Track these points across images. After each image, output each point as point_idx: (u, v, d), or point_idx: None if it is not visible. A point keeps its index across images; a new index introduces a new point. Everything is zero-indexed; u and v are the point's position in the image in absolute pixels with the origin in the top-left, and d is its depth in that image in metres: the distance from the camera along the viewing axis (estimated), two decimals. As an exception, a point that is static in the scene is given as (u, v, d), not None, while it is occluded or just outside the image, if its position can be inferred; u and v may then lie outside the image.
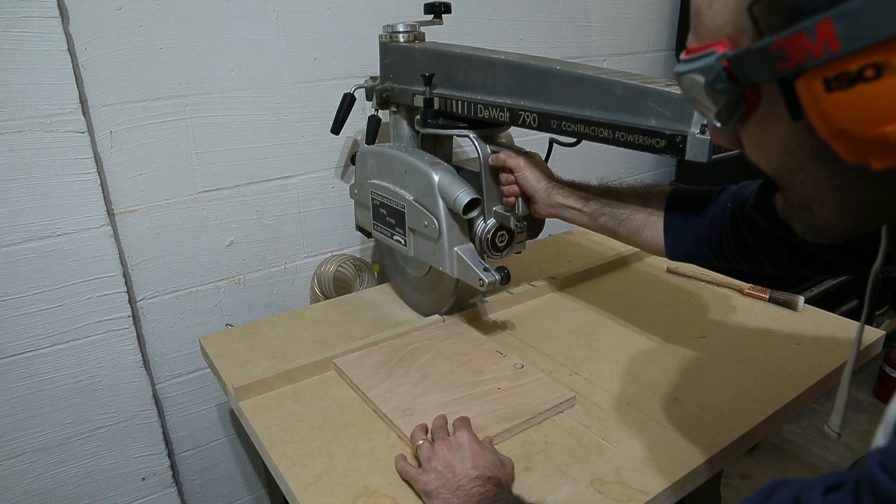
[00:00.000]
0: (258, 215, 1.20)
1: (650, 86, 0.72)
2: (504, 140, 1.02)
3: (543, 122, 0.84)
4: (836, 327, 1.04)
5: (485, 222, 0.96)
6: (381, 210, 1.05)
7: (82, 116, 0.94)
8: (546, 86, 0.84)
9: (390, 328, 1.05)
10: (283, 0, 1.12)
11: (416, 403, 0.85)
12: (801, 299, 1.09)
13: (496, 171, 0.96)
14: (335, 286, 1.27)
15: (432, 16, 1.09)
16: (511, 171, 0.94)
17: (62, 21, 0.90)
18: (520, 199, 0.95)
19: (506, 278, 0.91)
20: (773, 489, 0.42)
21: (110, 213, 1.03)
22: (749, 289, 1.16)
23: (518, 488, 0.70)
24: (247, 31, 1.09)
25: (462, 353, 0.98)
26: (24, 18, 0.87)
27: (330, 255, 1.30)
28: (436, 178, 0.92)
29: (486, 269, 0.91)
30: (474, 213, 0.92)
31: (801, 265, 0.74)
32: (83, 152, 0.96)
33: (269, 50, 1.13)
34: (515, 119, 0.88)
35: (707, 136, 0.66)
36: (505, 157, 0.94)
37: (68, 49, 0.91)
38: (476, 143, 0.96)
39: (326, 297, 1.26)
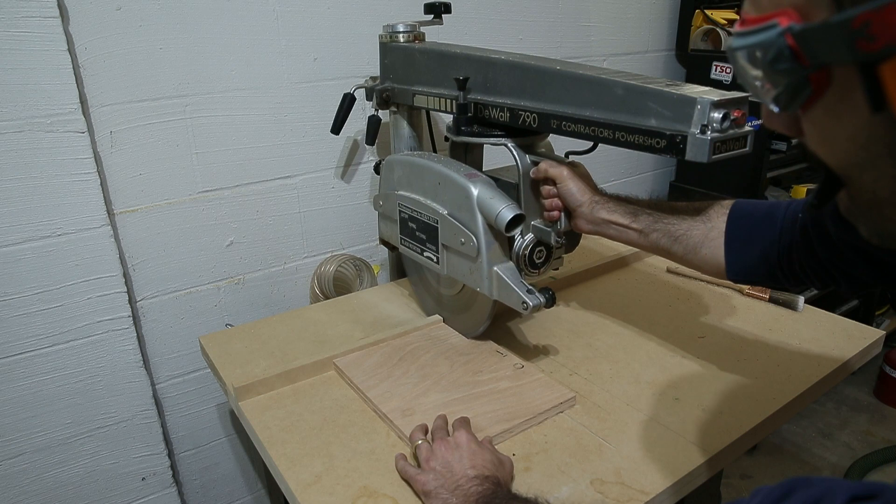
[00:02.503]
0: (258, 215, 1.20)
1: (650, 86, 0.72)
2: (543, 149, 0.95)
3: (543, 122, 0.84)
4: (836, 327, 1.04)
5: (522, 237, 0.89)
6: (410, 224, 0.98)
7: (82, 116, 0.94)
8: (546, 86, 0.84)
9: (390, 328, 1.05)
10: (283, 0, 1.12)
11: (416, 403, 0.85)
12: (801, 299, 1.09)
13: (536, 182, 0.89)
14: (335, 286, 1.27)
15: (432, 16, 1.09)
16: (553, 183, 0.86)
17: (62, 21, 0.90)
18: (562, 213, 0.88)
19: (551, 300, 0.84)
20: (794, 486, 0.40)
21: (110, 213, 1.03)
22: (749, 289, 1.16)
23: (518, 488, 0.70)
24: (247, 31, 1.09)
25: (462, 353, 0.98)
26: (24, 18, 0.87)
27: (330, 255, 1.30)
28: (475, 192, 0.84)
29: (529, 291, 0.84)
30: (517, 231, 0.85)
31: (881, 280, 0.64)
32: (83, 152, 0.96)
33: (269, 50, 1.13)
34: (515, 119, 0.87)
35: (707, 136, 0.66)
36: (546, 166, 0.86)
37: (68, 49, 0.91)
38: (515, 152, 0.89)
39: (326, 297, 1.26)
